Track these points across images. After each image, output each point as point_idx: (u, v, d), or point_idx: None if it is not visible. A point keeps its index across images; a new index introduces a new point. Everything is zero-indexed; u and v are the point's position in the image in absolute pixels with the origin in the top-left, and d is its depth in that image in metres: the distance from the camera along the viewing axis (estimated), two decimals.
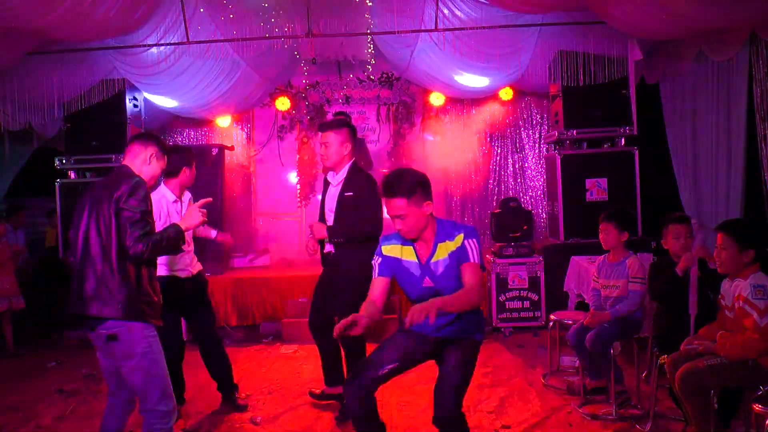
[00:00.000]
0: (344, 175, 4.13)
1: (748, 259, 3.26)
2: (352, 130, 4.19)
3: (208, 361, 4.40)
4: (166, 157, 3.19)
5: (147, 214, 2.88)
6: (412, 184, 2.83)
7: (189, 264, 4.20)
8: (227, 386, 4.44)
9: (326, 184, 4.33)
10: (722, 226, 3.41)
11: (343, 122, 4.24)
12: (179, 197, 4.19)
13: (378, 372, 2.92)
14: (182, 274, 4.15)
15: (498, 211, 6.62)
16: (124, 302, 2.82)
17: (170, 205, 4.09)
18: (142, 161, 3.05)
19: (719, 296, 3.47)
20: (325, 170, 4.32)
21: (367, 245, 3.90)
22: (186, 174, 4.17)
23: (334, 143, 4.09)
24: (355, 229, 4.06)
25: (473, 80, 7.37)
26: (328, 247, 4.22)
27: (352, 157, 4.19)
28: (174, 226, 3.04)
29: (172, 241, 2.96)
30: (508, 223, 6.39)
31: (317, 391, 4.46)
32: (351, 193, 4.06)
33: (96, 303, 2.82)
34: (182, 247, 3.14)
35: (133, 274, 2.87)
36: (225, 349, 4.46)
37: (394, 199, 2.83)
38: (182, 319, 4.44)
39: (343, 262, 4.11)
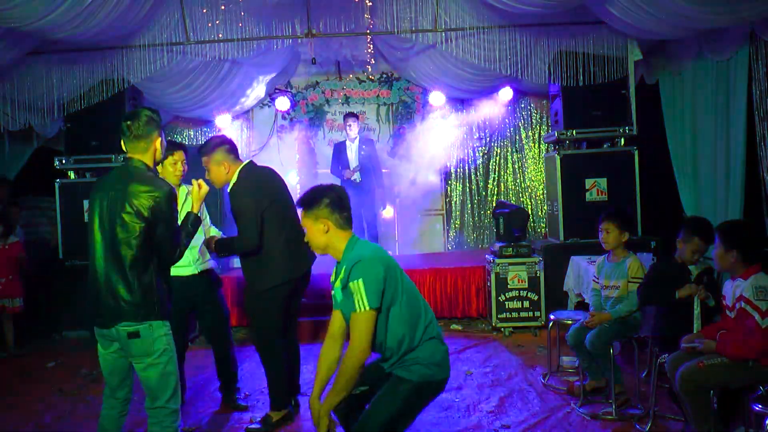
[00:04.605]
0: (234, 183, 3.95)
1: (733, 259, 3.28)
2: (229, 147, 3.98)
3: (216, 361, 4.40)
4: (163, 134, 3.08)
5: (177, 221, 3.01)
6: (313, 196, 2.87)
7: (191, 261, 4.19)
8: (230, 388, 4.45)
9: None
10: (716, 227, 3.46)
11: (213, 143, 3.99)
12: None
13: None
14: (184, 272, 4.15)
15: (498, 211, 6.62)
16: (145, 302, 2.84)
17: None
18: (152, 154, 3.00)
19: (721, 296, 3.48)
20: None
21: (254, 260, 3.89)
22: (159, 170, 4.02)
23: (211, 168, 3.96)
24: (234, 244, 4.00)
25: (472, 80, 7.38)
26: None
27: (239, 163, 3.99)
28: (189, 216, 3.12)
29: (193, 233, 3.11)
30: (508, 223, 6.39)
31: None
32: (233, 206, 3.95)
33: (121, 307, 2.82)
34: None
35: (152, 274, 2.88)
36: (234, 351, 4.45)
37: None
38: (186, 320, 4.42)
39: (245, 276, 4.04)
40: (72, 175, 6.69)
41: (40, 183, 7.38)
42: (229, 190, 3.95)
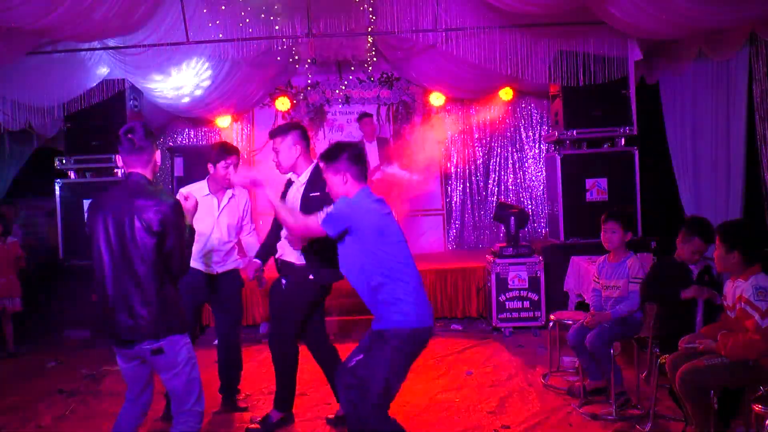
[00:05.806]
0: (308, 176, 3.95)
1: (735, 260, 3.28)
2: (302, 132, 4.02)
3: (220, 362, 4.44)
4: (157, 146, 3.07)
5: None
6: (335, 150, 3.18)
7: (214, 261, 4.24)
8: (231, 389, 4.47)
9: (288, 184, 4.11)
10: (717, 228, 3.46)
11: (289, 126, 4.04)
12: (213, 192, 4.24)
13: None
14: (203, 268, 4.22)
15: (505, 212, 6.58)
16: (165, 316, 2.85)
17: (200, 200, 3.84)
18: (152, 167, 2.99)
19: (722, 297, 3.48)
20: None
21: (323, 260, 3.80)
22: (211, 171, 4.22)
23: (282, 149, 3.94)
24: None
25: (472, 80, 7.37)
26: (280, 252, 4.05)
27: (310, 157, 4.02)
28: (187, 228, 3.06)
29: (191, 243, 3.07)
30: (518, 223, 6.37)
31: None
32: (317, 193, 3.80)
33: (140, 325, 2.81)
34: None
35: (167, 288, 2.88)
36: (240, 353, 4.47)
37: None
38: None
39: (296, 273, 3.91)
40: (72, 175, 6.69)
41: (40, 183, 7.38)
42: (307, 180, 3.90)
